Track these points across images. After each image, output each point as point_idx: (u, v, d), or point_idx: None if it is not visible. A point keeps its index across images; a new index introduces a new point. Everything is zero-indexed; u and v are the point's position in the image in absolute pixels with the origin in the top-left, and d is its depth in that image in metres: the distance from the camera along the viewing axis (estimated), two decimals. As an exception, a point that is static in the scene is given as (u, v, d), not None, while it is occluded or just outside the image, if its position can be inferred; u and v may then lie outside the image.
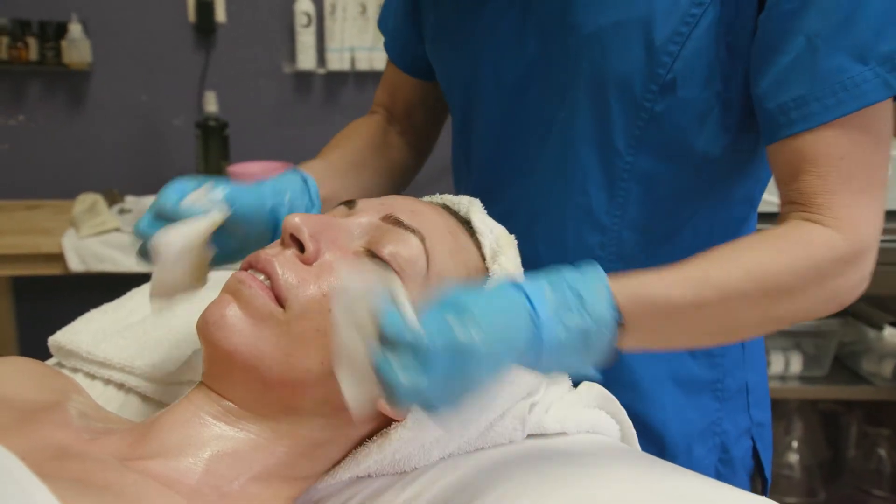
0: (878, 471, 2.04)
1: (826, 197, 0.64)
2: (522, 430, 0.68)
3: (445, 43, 0.84)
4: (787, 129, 0.66)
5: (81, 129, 2.30)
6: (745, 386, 0.86)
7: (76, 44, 2.17)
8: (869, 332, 1.97)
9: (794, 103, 0.65)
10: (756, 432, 0.88)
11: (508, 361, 0.53)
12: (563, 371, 0.58)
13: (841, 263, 0.63)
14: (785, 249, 0.63)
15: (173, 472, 0.57)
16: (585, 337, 0.55)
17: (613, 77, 0.71)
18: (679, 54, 0.69)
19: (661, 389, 0.82)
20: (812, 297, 0.63)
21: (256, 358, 0.59)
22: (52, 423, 0.60)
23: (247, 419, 0.60)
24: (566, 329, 0.54)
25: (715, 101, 0.71)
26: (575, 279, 0.56)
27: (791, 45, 0.65)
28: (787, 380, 1.97)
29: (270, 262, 0.61)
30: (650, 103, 0.71)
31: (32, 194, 2.30)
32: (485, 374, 0.52)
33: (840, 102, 0.63)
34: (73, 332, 0.85)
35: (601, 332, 0.55)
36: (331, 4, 2.26)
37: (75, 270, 1.87)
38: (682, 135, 0.73)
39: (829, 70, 0.63)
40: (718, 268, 0.62)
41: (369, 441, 0.64)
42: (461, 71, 0.83)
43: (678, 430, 0.82)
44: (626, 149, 0.74)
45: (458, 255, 0.67)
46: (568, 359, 0.55)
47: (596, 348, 0.56)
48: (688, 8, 0.68)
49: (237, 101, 2.30)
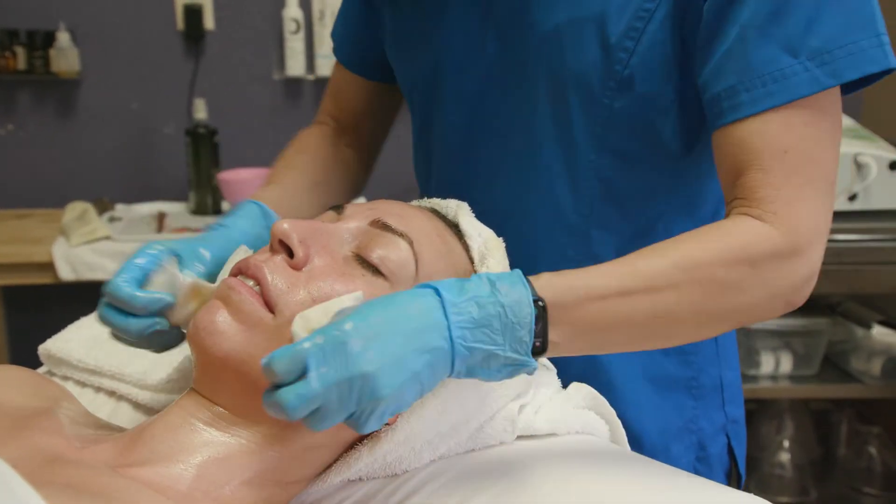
0: (869, 469, 2.05)
1: (767, 191, 0.63)
2: (512, 431, 0.69)
3: (405, 45, 0.84)
4: (720, 119, 0.65)
5: (71, 137, 2.30)
6: (719, 383, 0.86)
7: (65, 52, 2.17)
8: (857, 331, 1.98)
9: (725, 93, 0.65)
10: (731, 429, 0.88)
11: (414, 354, 0.52)
12: (491, 366, 0.55)
13: (777, 258, 0.62)
14: (716, 240, 0.62)
15: (164, 478, 0.57)
16: (501, 314, 0.54)
17: (571, 75, 0.71)
18: (635, 50, 0.69)
19: (635, 388, 0.82)
20: (749, 292, 0.62)
21: (247, 363, 0.59)
22: (43, 430, 0.60)
23: (238, 424, 0.61)
24: (479, 306, 0.54)
25: (675, 97, 0.71)
26: (487, 274, 0.57)
27: (726, 34, 0.65)
28: (778, 379, 1.98)
29: (260, 268, 0.61)
30: (609, 100, 0.71)
31: (22, 203, 2.29)
32: (378, 367, 0.50)
33: (769, 94, 0.63)
34: (64, 340, 0.85)
35: (517, 307, 0.55)
36: (319, 10, 2.27)
37: (66, 279, 1.87)
38: (643, 131, 0.73)
39: (759, 61, 0.63)
40: (645, 260, 0.61)
41: (360, 444, 0.64)
42: (422, 73, 0.83)
43: (655, 428, 0.82)
44: (588, 147, 0.74)
45: (447, 258, 0.68)
46: (489, 342, 0.54)
47: (516, 327, 0.55)
48: (641, 3, 0.68)
49: (227, 107, 2.30)
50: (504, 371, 0.56)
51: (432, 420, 0.64)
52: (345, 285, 0.61)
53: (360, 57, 0.93)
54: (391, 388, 0.51)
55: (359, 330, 0.51)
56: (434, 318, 0.53)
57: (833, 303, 2.04)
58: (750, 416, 1.70)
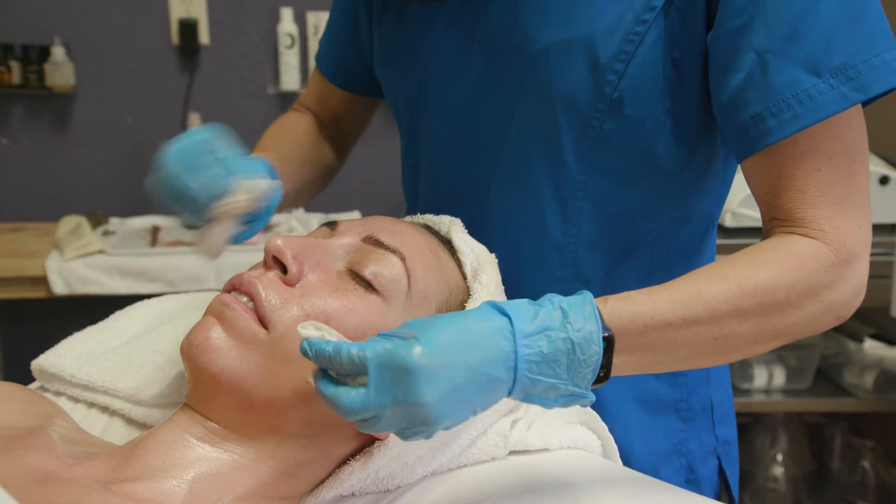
0: (863, 482, 2.05)
1: (807, 210, 0.63)
2: (505, 446, 0.69)
3: (391, 62, 0.84)
4: (749, 148, 0.65)
5: (65, 151, 2.30)
6: (709, 404, 0.85)
7: (59, 67, 2.17)
8: (850, 345, 1.99)
9: (752, 121, 0.64)
10: (722, 451, 0.87)
11: (475, 387, 0.52)
12: (549, 396, 0.55)
13: (831, 273, 0.62)
14: (775, 262, 0.62)
15: (157, 494, 0.57)
16: (570, 350, 0.54)
17: (559, 96, 0.71)
18: (625, 72, 0.68)
19: (624, 410, 0.81)
20: (806, 309, 0.62)
21: (241, 379, 0.59)
22: (34, 448, 0.60)
23: (231, 440, 0.61)
24: (549, 341, 0.53)
25: (665, 119, 0.71)
26: (559, 298, 0.56)
27: (742, 62, 0.64)
28: (771, 393, 1.98)
29: (253, 284, 0.61)
30: (598, 122, 0.71)
31: (16, 217, 2.29)
32: (438, 399, 0.50)
33: (796, 117, 0.62)
34: (57, 356, 0.85)
35: (586, 344, 0.54)
36: (314, 25, 2.28)
37: (59, 293, 1.86)
38: (634, 151, 0.72)
39: (781, 84, 0.62)
40: (708, 284, 0.61)
41: (352, 460, 0.64)
42: (407, 88, 0.83)
43: (643, 450, 0.82)
44: (577, 167, 0.73)
45: (439, 274, 0.68)
46: (553, 376, 0.54)
47: (583, 364, 0.54)
48: (631, 26, 0.68)
49: (221, 122, 2.28)
50: (560, 401, 0.56)
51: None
52: (338, 300, 0.61)
53: (345, 72, 0.94)
54: (447, 418, 0.51)
55: (426, 356, 0.50)
56: (502, 348, 0.52)
57: (825, 317, 2.05)
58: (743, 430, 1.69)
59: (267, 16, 2.29)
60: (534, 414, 0.73)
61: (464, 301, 0.70)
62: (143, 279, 1.90)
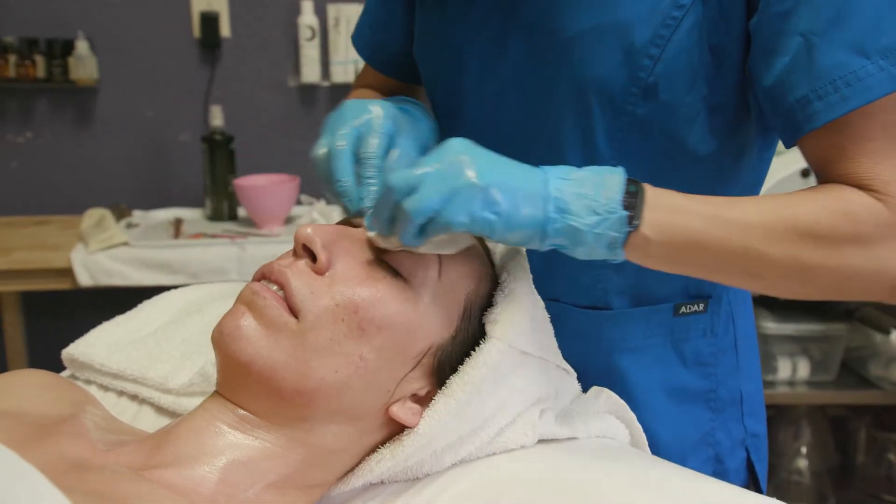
0: (888, 476, 2.03)
1: (865, 174, 0.62)
2: (533, 435, 0.69)
3: (429, 48, 0.84)
4: (797, 131, 0.65)
5: (89, 144, 2.32)
6: (739, 396, 0.85)
7: (83, 61, 2.19)
8: (876, 337, 1.97)
9: (798, 104, 0.64)
10: (751, 443, 0.87)
11: (512, 172, 0.59)
12: (582, 216, 0.59)
13: (884, 230, 0.61)
14: (819, 200, 0.62)
15: (188, 481, 0.58)
16: (595, 178, 0.59)
17: (594, 81, 0.71)
18: (660, 57, 0.69)
19: (653, 400, 0.81)
20: (847, 258, 0.61)
21: (271, 368, 0.60)
22: (68, 435, 0.60)
23: (262, 428, 0.61)
24: (576, 182, 0.60)
25: (700, 105, 0.71)
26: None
27: (787, 45, 0.64)
28: (795, 385, 1.97)
29: (283, 273, 0.62)
30: (632, 107, 0.71)
31: (41, 210, 2.31)
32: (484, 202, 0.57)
33: (844, 99, 0.62)
34: (87, 345, 0.86)
35: (611, 179, 0.59)
36: (334, 18, 2.28)
37: (84, 285, 1.88)
38: (667, 138, 0.72)
39: (828, 67, 0.62)
40: (745, 200, 0.62)
41: (382, 448, 0.65)
42: (444, 73, 0.83)
43: (671, 440, 0.82)
44: (609, 152, 0.73)
45: (469, 261, 0.68)
46: (579, 188, 0.59)
47: (608, 186, 0.59)
48: (668, 11, 0.68)
49: (242, 114, 2.32)
50: (593, 231, 0.59)
51: (453, 424, 0.64)
52: (368, 289, 0.62)
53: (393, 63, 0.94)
54: (485, 176, 0.57)
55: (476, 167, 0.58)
56: (540, 179, 0.60)
57: (851, 308, 2.03)
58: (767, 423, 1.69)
59: (287, 8, 2.30)
60: (562, 403, 0.73)
61: (492, 289, 0.70)
62: (167, 271, 1.92)
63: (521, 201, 0.58)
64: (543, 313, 0.71)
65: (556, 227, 0.59)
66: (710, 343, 0.83)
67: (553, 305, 0.74)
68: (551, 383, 0.71)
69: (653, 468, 0.68)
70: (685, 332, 0.81)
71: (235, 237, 2.00)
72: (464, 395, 0.64)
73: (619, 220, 0.59)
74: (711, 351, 0.83)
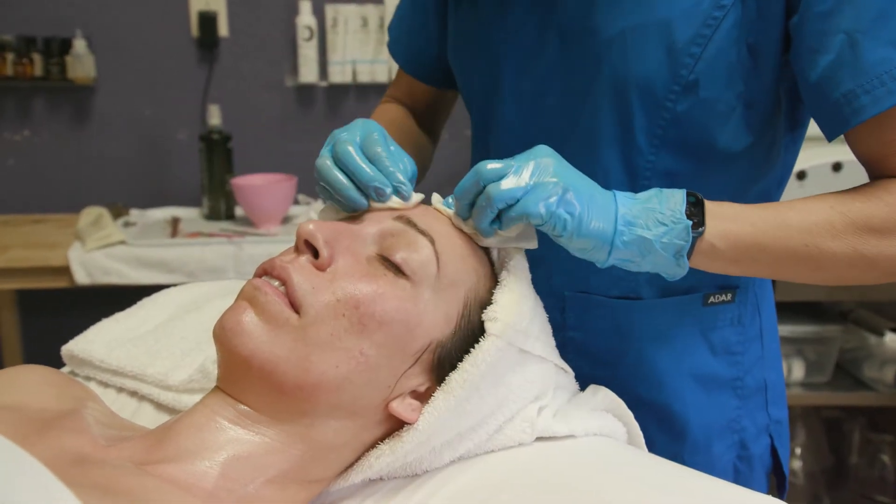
0: (882, 477, 2.04)
1: None
2: (531, 432, 0.69)
3: (465, 51, 0.86)
4: (844, 124, 0.68)
5: (86, 143, 2.32)
6: (763, 384, 0.87)
7: (81, 59, 2.19)
8: (870, 338, 1.98)
9: (844, 99, 0.66)
10: (774, 430, 0.89)
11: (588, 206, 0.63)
12: (644, 248, 0.64)
13: None
14: (872, 193, 0.66)
15: (190, 475, 0.58)
16: (658, 195, 0.65)
17: (635, 79, 0.73)
18: (701, 55, 0.71)
19: (682, 386, 0.83)
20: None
21: (272, 363, 0.60)
22: (70, 430, 0.61)
23: (262, 423, 0.61)
24: (641, 199, 0.65)
25: (737, 102, 0.73)
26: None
27: (831, 43, 0.66)
28: (790, 386, 1.97)
29: (285, 269, 0.62)
30: (672, 103, 0.73)
31: (38, 208, 2.31)
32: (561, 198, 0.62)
33: (890, 92, 0.65)
34: (87, 341, 0.86)
35: (673, 195, 0.64)
36: (332, 18, 2.29)
37: (81, 283, 1.88)
38: (703, 133, 0.75)
39: (873, 62, 0.65)
40: (799, 202, 0.66)
41: (381, 444, 0.65)
42: (481, 73, 0.85)
43: (698, 425, 0.84)
44: (647, 147, 0.76)
45: (468, 259, 0.69)
46: (646, 226, 0.63)
47: (671, 197, 0.64)
48: (710, 10, 0.70)
49: (240, 114, 2.32)
50: (659, 241, 0.64)
51: (452, 421, 0.65)
52: (368, 285, 0.62)
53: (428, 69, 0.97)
54: (563, 175, 0.63)
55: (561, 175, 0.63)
56: (606, 191, 0.65)
57: (845, 310, 2.04)
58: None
59: (285, 8, 2.30)
60: (560, 401, 0.73)
61: (491, 287, 0.70)
62: (164, 269, 1.92)
63: (595, 211, 0.63)
64: (542, 312, 0.72)
65: (625, 240, 0.63)
66: (738, 332, 0.85)
67: (584, 297, 0.76)
68: (549, 381, 0.72)
69: (651, 466, 0.69)
70: (714, 321, 0.84)
71: (232, 236, 2.01)
72: (463, 392, 0.64)
73: (684, 228, 0.63)
74: (739, 340, 0.85)
